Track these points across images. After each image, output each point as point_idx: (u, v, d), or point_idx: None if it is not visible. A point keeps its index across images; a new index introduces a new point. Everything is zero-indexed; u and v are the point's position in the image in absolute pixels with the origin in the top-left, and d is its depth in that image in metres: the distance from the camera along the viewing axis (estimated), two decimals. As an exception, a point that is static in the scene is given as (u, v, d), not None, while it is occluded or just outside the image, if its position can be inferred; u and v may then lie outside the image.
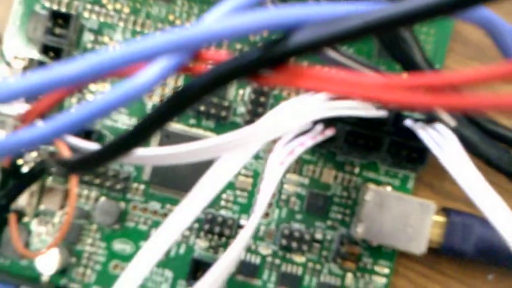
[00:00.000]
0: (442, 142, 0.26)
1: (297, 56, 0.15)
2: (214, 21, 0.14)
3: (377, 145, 0.30)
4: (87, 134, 0.30)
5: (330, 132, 0.28)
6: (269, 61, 0.15)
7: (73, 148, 0.24)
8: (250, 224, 0.23)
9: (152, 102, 0.32)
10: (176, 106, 0.17)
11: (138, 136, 0.17)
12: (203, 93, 0.16)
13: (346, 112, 0.26)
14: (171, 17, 0.32)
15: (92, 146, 0.23)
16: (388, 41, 0.29)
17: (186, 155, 0.21)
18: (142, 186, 0.32)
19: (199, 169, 0.31)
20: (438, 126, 0.27)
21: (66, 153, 0.23)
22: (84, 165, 0.20)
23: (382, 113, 0.28)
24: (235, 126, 0.32)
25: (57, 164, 0.21)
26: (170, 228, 0.22)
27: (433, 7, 0.13)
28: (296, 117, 0.24)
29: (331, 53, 0.25)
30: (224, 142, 0.21)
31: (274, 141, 0.29)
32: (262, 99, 0.32)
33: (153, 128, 0.17)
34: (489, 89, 0.13)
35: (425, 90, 0.13)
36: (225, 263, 0.23)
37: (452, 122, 0.28)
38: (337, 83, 0.14)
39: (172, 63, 0.15)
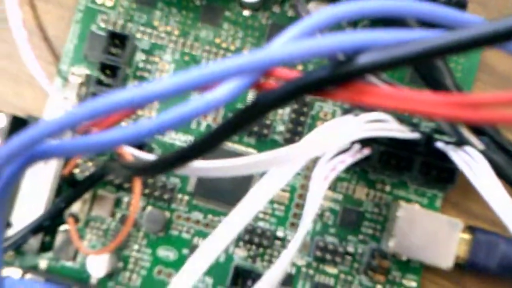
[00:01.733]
0: (473, 165, 0.28)
1: (361, 76, 0.17)
2: (284, 45, 0.16)
3: (409, 165, 0.32)
4: (139, 147, 0.33)
5: (367, 151, 0.31)
6: (336, 79, 0.17)
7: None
8: (298, 236, 0.25)
9: (206, 121, 0.34)
10: (246, 118, 0.18)
11: (204, 147, 0.19)
12: (274, 106, 0.18)
13: (383, 133, 0.29)
14: (217, 40, 0.35)
15: (148, 156, 0.25)
16: (422, 69, 0.31)
17: (234, 169, 0.23)
18: (186, 197, 0.34)
19: (239, 183, 0.34)
20: (468, 149, 0.29)
21: (130, 158, 0.26)
22: (147, 170, 0.22)
23: (415, 135, 0.30)
24: (274, 143, 0.34)
25: (122, 168, 0.23)
26: (218, 239, 0.24)
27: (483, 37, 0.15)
28: (338, 137, 0.27)
29: (371, 77, 0.27)
30: (272, 158, 0.23)
31: (312, 159, 0.31)
32: (301, 118, 0.34)
33: (221, 139, 0.19)
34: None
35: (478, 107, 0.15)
36: (274, 274, 0.25)
37: (481, 146, 0.30)
38: (399, 100, 0.16)
39: (243, 83, 0.17)
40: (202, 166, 0.22)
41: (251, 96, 0.33)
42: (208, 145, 0.19)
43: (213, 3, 0.35)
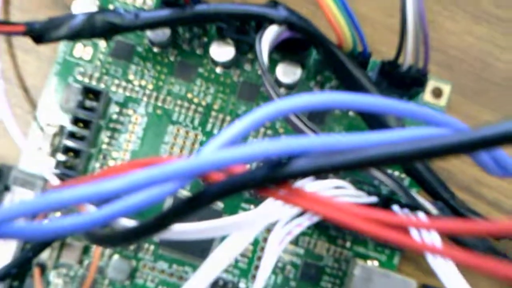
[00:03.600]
0: (424, 233, 0.30)
1: (294, 179, 0.18)
2: (215, 153, 0.18)
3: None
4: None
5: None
6: (274, 180, 0.18)
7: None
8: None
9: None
10: (192, 207, 0.20)
11: (150, 230, 0.21)
12: (215, 199, 0.19)
13: (341, 199, 0.30)
14: (189, 95, 0.36)
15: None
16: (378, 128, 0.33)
17: (197, 232, 0.24)
18: (152, 247, 0.35)
19: (205, 234, 0.35)
20: (421, 215, 0.31)
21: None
22: (106, 241, 0.23)
23: (372, 199, 0.32)
24: (240, 197, 0.35)
25: (85, 236, 0.24)
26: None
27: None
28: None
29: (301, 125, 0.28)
30: (234, 222, 0.24)
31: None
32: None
33: (166, 224, 0.20)
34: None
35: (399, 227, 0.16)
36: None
37: (434, 211, 0.32)
38: (330, 209, 0.17)
39: (170, 188, 0.18)
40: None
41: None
42: (153, 229, 0.20)
43: (187, 60, 0.36)
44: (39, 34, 0.30)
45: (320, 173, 0.17)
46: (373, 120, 0.32)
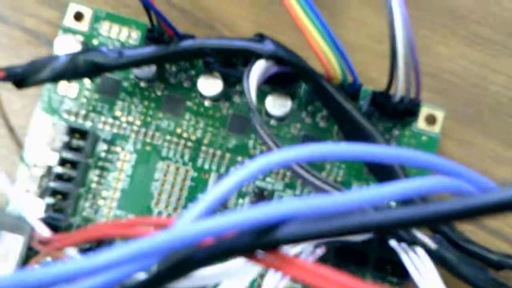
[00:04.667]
0: (421, 268, 0.29)
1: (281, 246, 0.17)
2: (189, 225, 0.17)
3: (364, 261, 0.32)
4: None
5: (320, 252, 0.31)
6: (261, 246, 0.18)
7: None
8: None
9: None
10: (176, 272, 0.19)
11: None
12: (200, 266, 0.19)
13: (337, 239, 0.29)
14: (179, 130, 0.35)
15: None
16: (374, 167, 0.32)
17: (190, 281, 0.23)
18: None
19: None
20: (419, 251, 0.30)
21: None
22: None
23: (367, 236, 0.31)
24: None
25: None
26: None
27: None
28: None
29: (303, 172, 0.27)
30: (225, 270, 0.24)
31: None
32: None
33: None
34: None
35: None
36: None
37: (433, 245, 0.31)
38: (317, 277, 0.17)
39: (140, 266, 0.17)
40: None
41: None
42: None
43: (174, 94, 0.35)
44: (21, 78, 0.29)
45: (311, 239, 0.17)
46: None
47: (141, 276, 0.19)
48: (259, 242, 0.17)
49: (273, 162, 0.18)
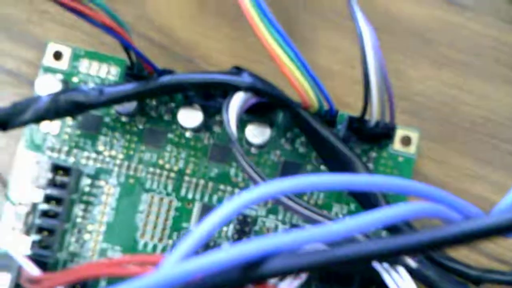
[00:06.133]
0: (403, 288, 0.30)
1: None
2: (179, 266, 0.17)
3: (349, 281, 0.33)
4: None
5: (303, 276, 0.32)
6: (248, 281, 0.18)
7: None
8: None
9: None
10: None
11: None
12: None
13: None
14: (161, 162, 0.36)
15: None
16: (359, 194, 0.33)
17: None
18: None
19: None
20: (401, 270, 0.31)
21: None
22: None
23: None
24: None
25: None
26: None
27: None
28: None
29: (289, 202, 0.28)
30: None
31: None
32: (246, 230, 0.35)
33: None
34: None
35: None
36: None
37: (414, 264, 0.32)
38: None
39: None
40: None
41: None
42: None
43: (156, 126, 0.36)
44: (4, 121, 0.29)
45: (298, 272, 0.17)
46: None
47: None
48: (246, 277, 0.17)
49: (256, 198, 0.19)
